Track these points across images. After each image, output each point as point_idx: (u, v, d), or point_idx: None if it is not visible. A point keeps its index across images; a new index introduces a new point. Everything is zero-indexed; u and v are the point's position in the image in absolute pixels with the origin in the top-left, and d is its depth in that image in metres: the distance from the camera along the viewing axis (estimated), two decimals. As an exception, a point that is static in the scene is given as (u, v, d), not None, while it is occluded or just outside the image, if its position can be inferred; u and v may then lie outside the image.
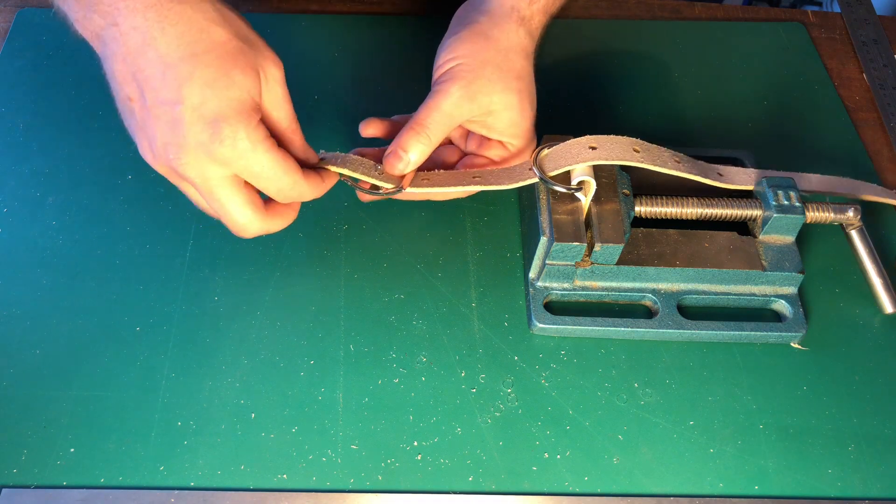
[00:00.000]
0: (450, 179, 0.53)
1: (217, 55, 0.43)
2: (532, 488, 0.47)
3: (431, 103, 0.51)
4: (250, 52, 0.44)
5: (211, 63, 0.43)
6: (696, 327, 0.53)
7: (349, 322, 0.53)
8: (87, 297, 0.53)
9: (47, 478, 0.46)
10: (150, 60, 0.43)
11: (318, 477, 0.47)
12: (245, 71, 0.44)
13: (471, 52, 0.51)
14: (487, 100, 0.51)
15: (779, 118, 0.67)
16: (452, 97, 0.50)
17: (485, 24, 0.52)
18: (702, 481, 0.48)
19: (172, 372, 0.50)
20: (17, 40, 0.68)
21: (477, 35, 0.51)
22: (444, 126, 0.51)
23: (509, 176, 0.53)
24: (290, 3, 0.74)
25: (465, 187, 0.53)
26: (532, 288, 0.54)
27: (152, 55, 0.43)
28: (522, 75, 0.52)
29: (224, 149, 0.43)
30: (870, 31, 0.75)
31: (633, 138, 0.52)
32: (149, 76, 0.43)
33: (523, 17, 0.52)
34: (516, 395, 0.50)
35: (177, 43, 0.43)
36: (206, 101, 0.43)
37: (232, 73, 0.43)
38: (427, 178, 0.53)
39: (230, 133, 0.43)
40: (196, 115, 0.43)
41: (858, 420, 0.50)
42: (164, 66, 0.43)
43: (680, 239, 0.54)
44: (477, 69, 0.50)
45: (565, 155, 0.51)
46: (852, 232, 0.55)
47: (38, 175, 0.59)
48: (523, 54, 0.52)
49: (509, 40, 0.52)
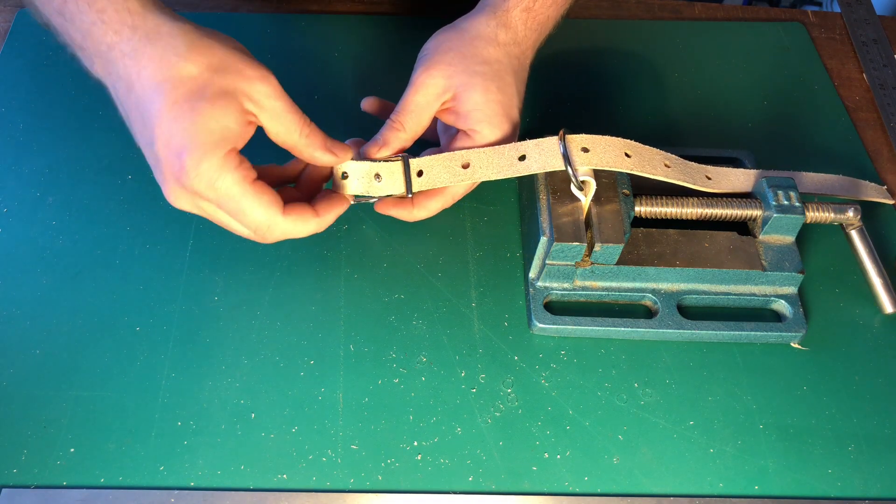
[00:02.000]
0: (442, 173, 0.52)
1: (185, 91, 0.44)
2: (532, 488, 0.47)
3: (406, 93, 0.53)
4: (224, 80, 0.44)
5: (178, 99, 0.44)
6: (696, 327, 0.53)
7: (349, 322, 0.53)
8: (87, 297, 0.53)
9: (47, 478, 0.46)
10: (132, 107, 0.45)
11: (318, 477, 0.47)
12: (214, 102, 0.44)
13: (437, 43, 0.53)
14: (446, 82, 0.52)
15: (779, 118, 0.67)
16: (418, 82, 0.52)
17: (458, 20, 0.54)
18: (702, 481, 0.48)
19: (172, 372, 0.50)
20: (17, 40, 0.68)
21: (447, 29, 0.54)
22: (417, 112, 0.52)
23: (498, 163, 0.52)
24: (290, 3, 0.74)
25: (459, 182, 0.52)
26: (532, 288, 0.54)
27: (133, 101, 0.45)
28: (488, 61, 0.52)
29: (191, 180, 0.44)
30: (870, 31, 0.75)
31: (627, 140, 0.52)
32: (133, 121, 0.46)
33: (496, 9, 0.54)
34: (516, 395, 0.50)
35: (149, 85, 0.44)
36: (173, 135, 0.43)
37: (198, 107, 0.43)
38: (422, 171, 0.52)
39: (192, 164, 0.43)
40: (167, 151, 0.44)
41: (858, 420, 0.50)
42: (141, 111, 0.44)
43: (680, 239, 0.54)
44: (439, 55, 0.52)
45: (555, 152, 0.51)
46: (852, 232, 0.55)
47: (38, 175, 0.59)
48: (493, 42, 0.53)
49: (476, 29, 0.53)
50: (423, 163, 0.53)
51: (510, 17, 0.54)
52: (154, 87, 0.44)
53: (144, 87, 0.44)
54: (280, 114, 0.46)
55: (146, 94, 0.44)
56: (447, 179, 0.52)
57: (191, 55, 0.44)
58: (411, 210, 0.54)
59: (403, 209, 0.54)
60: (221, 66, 0.45)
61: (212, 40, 0.45)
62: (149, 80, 0.44)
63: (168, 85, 0.44)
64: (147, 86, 0.44)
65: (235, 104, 0.45)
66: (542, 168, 0.51)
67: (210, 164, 0.44)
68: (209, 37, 0.45)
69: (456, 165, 0.52)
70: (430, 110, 0.53)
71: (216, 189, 0.45)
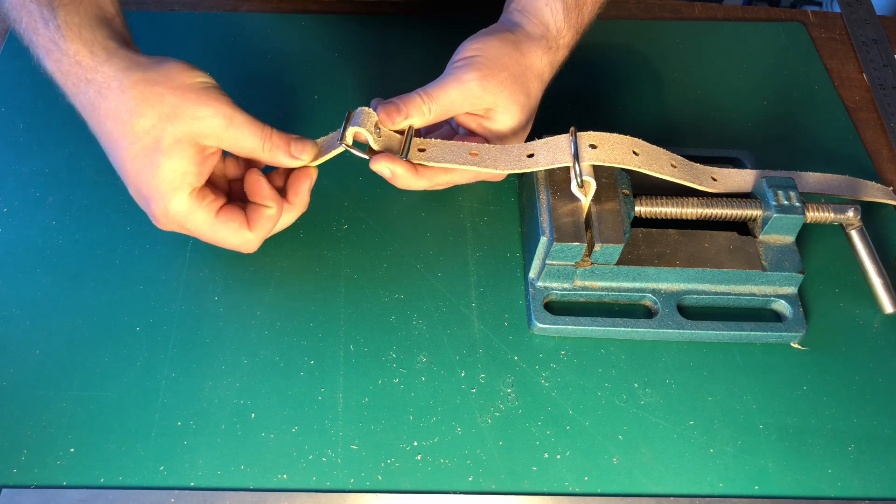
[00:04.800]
0: (446, 153, 0.52)
1: (141, 147, 0.47)
2: (532, 488, 0.47)
3: (445, 82, 0.52)
4: (177, 128, 0.47)
5: (136, 154, 0.47)
6: (696, 327, 0.53)
7: (349, 322, 0.53)
8: (87, 297, 0.53)
9: (47, 478, 0.46)
10: (106, 152, 0.49)
11: (318, 477, 0.47)
12: (169, 153, 0.47)
13: (496, 53, 0.53)
14: (493, 99, 0.52)
15: (779, 118, 0.67)
16: (466, 84, 0.52)
17: (518, 35, 0.54)
18: (702, 481, 0.48)
19: (172, 372, 0.50)
20: (17, 40, 0.67)
21: (507, 41, 0.53)
22: (448, 106, 0.52)
23: (506, 158, 0.52)
24: (290, 3, 0.74)
25: (461, 166, 0.52)
26: (532, 288, 0.54)
27: (102, 142, 0.49)
28: (531, 95, 0.54)
29: (164, 223, 0.49)
30: (870, 31, 0.75)
31: (635, 139, 0.52)
32: (106, 148, 0.49)
33: (550, 48, 0.55)
34: (516, 395, 0.50)
35: (109, 139, 0.48)
36: (140, 186, 0.48)
37: (156, 160, 0.47)
38: (424, 149, 0.52)
39: (161, 211, 0.48)
40: (138, 198, 0.49)
41: (858, 420, 0.50)
42: (110, 155, 0.49)
43: (680, 239, 0.54)
44: (495, 69, 0.52)
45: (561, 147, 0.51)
46: (852, 232, 0.55)
47: (38, 175, 0.59)
48: (539, 79, 0.54)
49: (531, 60, 0.54)
50: (426, 142, 0.53)
51: (556, 58, 0.55)
52: (113, 142, 0.48)
53: (108, 138, 0.48)
54: (238, 138, 0.49)
55: (109, 146, 0.48)
56: (450, 160, 0.52)
57: (142, 109, 0.46)
58: (412, 174, 0.52)
59: (399, 165, 0.51)
60: (173, 113, 0.47)
61: (161, 87, 0.47)
62: (107, 135, 0.48)
63: (125, 142, 0.47)
64: (108, 139, 0.48)
65: (191, 148, 0.47)
66: (551, 163, 0.51)
67: (176, 208, 0.48)
68: (159, 82, 0.47)
69: (463, 152, 0.52)
70: (459, 110, 0.53)
71: (187, 226, 0.49)
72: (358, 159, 0.51)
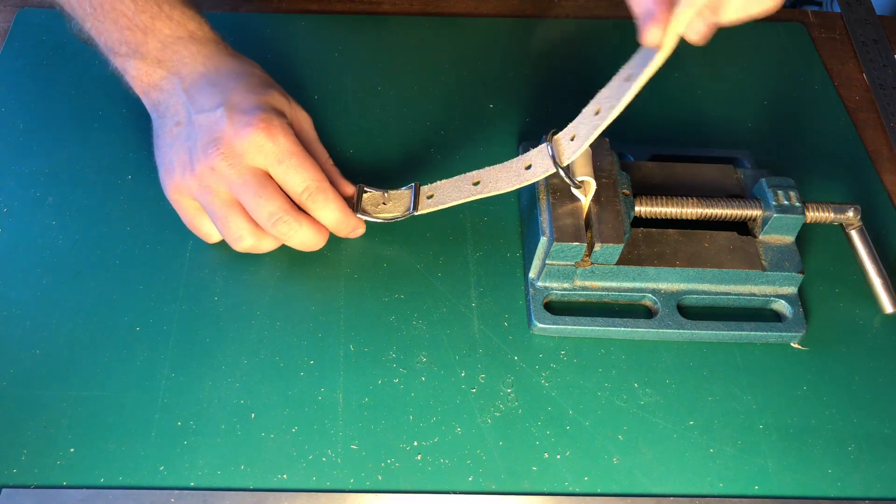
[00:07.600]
0: (452, 192, 0.54)
1: (257, 78, 0.53)
2: (532, 488, 0.47)
3: None
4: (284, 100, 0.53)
5: (250, 80, 0.52)
6: (695, 327, 0.53)
7: (349, 322, 0.53)
8: (87, 297, 0.53)
9: (47, 478, 0.46)
10: (202, 86, 0.52)
11: (318, 477, 0.47)
12: (280, 91, 0.53)
13: None
14: None
15: (779, 118, 0.67)
16: None
17: None
18: (702, 481, 0.48)
19: (172, 372, 0.50)
20: (17, 40, 0.68)
21: None
22: None
23: (507, 176, 0.53)
24: (290, 3, 0.74)
25: (468, 198, 0.53)
26: (532, 288, 0.54)
27: (204, 82, 0.52)
28: None
29: (250, 133, 0.49)
30: (870, 31, 0.75)
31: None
32: (195, 96, 0.52)
33: None
34: (516, 395, 0.50)
35: (226, 71, 0.53)
36: (244, 100, 0.51)
37: (269, 90, 0.52)
38: (432, 194, 0.55)
39: (262, 117, 0.49)
40: (234, 111, 0.50)
41: (858, 420, 0.50)
42: (212, 85, 0.52)
43: (680, 239, 0.54)
44: None
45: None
46: (852, 232, 0.55)
47: (38, 175, 0.59)
48: None
49: None
50: (433, 187, 0.55)
51: None
52: (230, 72, 0.53)
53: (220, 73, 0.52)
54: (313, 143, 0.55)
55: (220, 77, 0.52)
56: (456, 197, 0.54)
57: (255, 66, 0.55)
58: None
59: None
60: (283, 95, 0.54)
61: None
62: (226, 71, 0.53)
63: (244, 73, 0.53)
64: (223, 71, 0.52)
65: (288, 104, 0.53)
66: (546, 172, 0.51)
67: (279, 122, 0.50)
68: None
69: (466, 184, 0.53)
70: None
71: (277, 143, 0.50)
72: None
